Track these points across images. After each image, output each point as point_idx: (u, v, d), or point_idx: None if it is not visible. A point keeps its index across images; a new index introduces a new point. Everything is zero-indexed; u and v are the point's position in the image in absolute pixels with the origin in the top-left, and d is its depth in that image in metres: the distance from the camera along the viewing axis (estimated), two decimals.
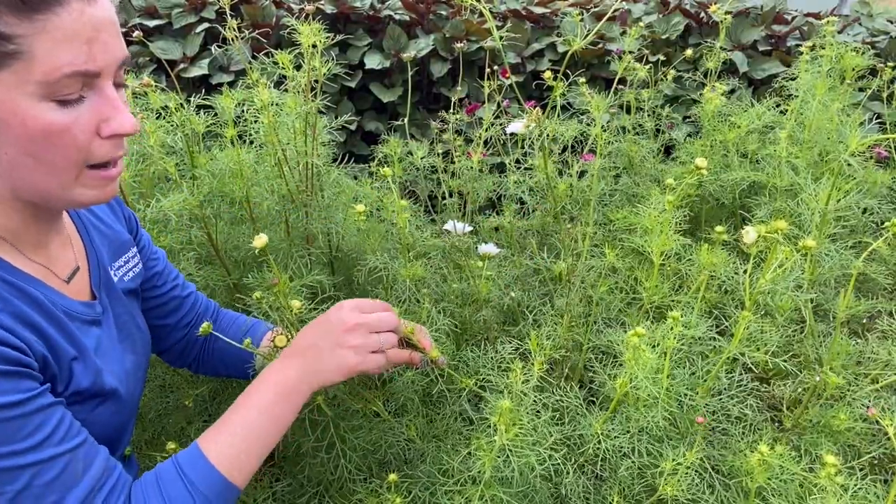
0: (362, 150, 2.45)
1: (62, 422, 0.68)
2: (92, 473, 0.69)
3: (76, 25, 0.63)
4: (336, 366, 0.83)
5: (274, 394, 0.81)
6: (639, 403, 0.89)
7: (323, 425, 0.92)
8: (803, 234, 1.20)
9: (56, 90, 0.64)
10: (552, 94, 1.23)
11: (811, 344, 1.14)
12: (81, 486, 0.67)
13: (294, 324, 0.90)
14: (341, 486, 0.93)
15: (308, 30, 1.15)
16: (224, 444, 0.77)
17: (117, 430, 0.83)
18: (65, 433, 0.68)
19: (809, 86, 1.45)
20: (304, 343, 0.85)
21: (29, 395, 0.65)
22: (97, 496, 0.68)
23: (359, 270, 1.14)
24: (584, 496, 0.91)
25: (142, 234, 1.01)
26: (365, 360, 0.84)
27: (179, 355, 1.08)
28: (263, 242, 0.81)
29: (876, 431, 1.04)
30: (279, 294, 0.88)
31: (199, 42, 2.40)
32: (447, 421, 1.02)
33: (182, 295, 1.05)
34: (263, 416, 0.79)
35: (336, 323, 0.85)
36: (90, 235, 0.88)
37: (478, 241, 1.32)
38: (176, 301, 1.04)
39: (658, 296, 1.11)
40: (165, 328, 1.03)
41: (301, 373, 0.82)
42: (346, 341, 0.83)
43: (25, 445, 0.64)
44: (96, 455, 0.71)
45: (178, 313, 1.04)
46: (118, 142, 0.71)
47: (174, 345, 1.06)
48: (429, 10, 2.64)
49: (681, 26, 2.54)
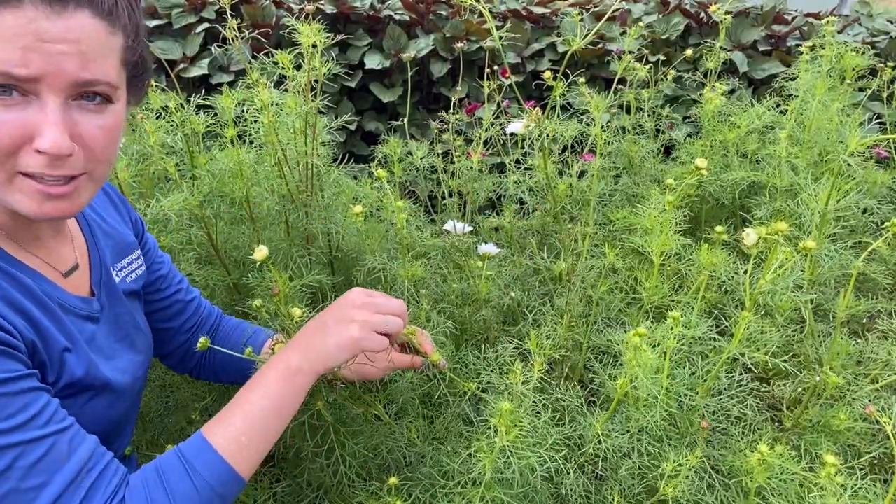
0: (362, 150, 2.45)
1: (48, 406, 0.68)
2: (79, 456, 0.68)
3: (17, 30, 0.63)
4: (338, 341, 0.81)
5: (277, 378, 0.80)
6: (639, 403, 0.89)
7: (323, 430, 0.92)
8: (803, 235, 1.20)
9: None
10: (552, 94, 1.23)
11: (811, 344, 1.14)
12: (67, 468, 0.66)
13: (294, 332, 0.90)
14: (341, 489, 0.93)
15: (308, 30, 1.15)
16: (229, 433, 0.75)
17: (113, 425, 0.83)
18: (49, 417, 0.67)
19: (809, 86, 1.45)
20: (311, 326, 0.85)
21: (13, 375, 0.65)
22: (85, 478, 0.67)
23: (358, 270, 1.14)
24: (584, 496, 0.91)
25: (148, 237, 1.01)
26: (368, 337, 0.82)
27: (181, 360, 1.08)
28: (264, 255, 0.80)
29: (876, 431, 1.04)
30: (280, 303, 0.87)
31: (199, 42, 2.40)
32: (447, 423, 1.02)
33: (186, 299, 1.05)
34: (266, 400, 0.78)
35: (343, 302, 0.85)
36: (94, 235, 0.88)
37: (478, 241, 1.32)
38: (179, 305, 1.04)
39: (658, 296, 1.11)
40: (168, 332, 1.04)
41: (303, 354, 0.81)
42: (350, 315, 0.83)
43: (8, 425, 0.64)
44: (83, 441, 0.70)
45: (181, 317, 1.04)
46: (53, 160, 0.67)
47: (176, 349, 1.06)
48: (429, 10, 2.64)
49: (681, 26, 2.54)
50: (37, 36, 0.64)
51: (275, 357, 0.83)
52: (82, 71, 0.67)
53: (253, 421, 0.77)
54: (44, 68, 0.65)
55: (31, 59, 0.64)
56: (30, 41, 0.64)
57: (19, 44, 0.63)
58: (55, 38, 0.65)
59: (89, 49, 0.67)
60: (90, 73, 0.68)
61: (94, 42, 0.67)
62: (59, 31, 0.65)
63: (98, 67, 0.68)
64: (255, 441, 0.76)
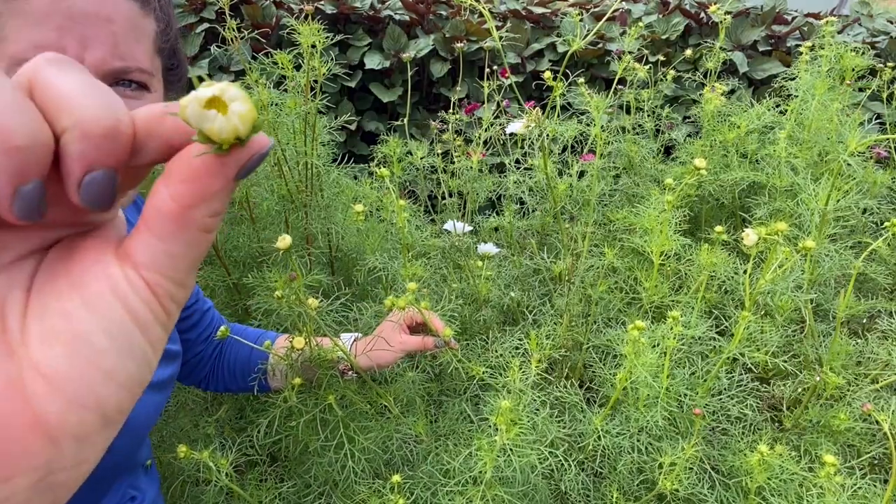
0: (362, 150, 2.45)
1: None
2: None
3: (47, 9, 0.61)
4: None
5: None
6: (639, 403, 0.89)
7: (332, 425, 0.92)
8: (803, 235, 1.20)
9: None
10: (552, 94, 1.23)
11: (811, 344, 1.14)
12: None
13: (310, 320, 0.89)
14: (347, 486, 0.93)
15: (308, 30, 1.15)
16: None
17: (139, 434, 0.82)
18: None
19: (809, 86, 1.44)
20: None
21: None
22: None
23: (358, 270, 1.14)
24: (583, 493, 0.91)
25: None
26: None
27: (191, 371, 1.08)
28: (287, 244, 0.79)
29: (876, 431, 1.04)
30: (298, 290, 0.87)
31: (199, 42, 2.40)
32: (452, 423, 1.02)
33: (203, 309, 1.05)
34: None
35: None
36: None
37: (478, 241, 1.32)
38: (198, 315, 1.04)
39: (658, 296, 1.11)
40: (186, 343, 1.03)
41: None
42: None
43: None
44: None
45: (198, 328, 1.04)
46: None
47: (190, 359, 1.06)
48: (429, 11, 2.64)
49: (681, 26, 2.54)
50: (68, 14, 0.62)
51: None
52: (115, 59, 0.66)
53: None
54: (80, 56, 0.63)
55: (67, 46, 0.62)
56: (61, 21, 0.62)
57: (52, 24, 0.62)
58: (82, 16, 0.63)
59: (121, 30, 0.65)
60: (124, 60, 0.66)
61: (126, 23, 0.66)
62: (89, 9, 0.63)
63: (134, 52, 0.67)
64: None
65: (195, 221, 0.24)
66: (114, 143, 0.23)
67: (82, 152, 0.22)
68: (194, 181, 0.24)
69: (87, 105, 0.22)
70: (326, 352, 0.90)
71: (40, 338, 0.23)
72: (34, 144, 0.21)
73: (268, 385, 1.02)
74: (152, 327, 0.25)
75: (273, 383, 1.01)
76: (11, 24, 0.61)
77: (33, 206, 0.22)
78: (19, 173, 0.21)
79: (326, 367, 0.92)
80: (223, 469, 0.87)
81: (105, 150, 0.23)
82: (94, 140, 0.22)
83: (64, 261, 0.25)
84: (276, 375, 1.00)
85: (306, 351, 0.90)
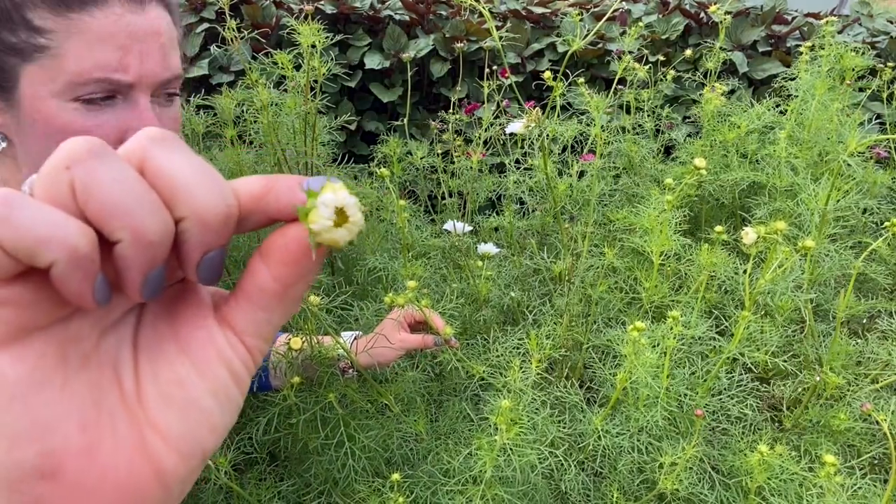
0: (362, 150, 2.45)
1: None
2: None
3: (111, 29, 0.62)
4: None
5: None
6: (639, 403, 0.89)
7: (332, 423, 0.92)
8: (803, 235, 1.20)
9: (83, 92, 0.63)
10: (552, 94, 1.23)
11: (811, 344, 1.14)
12: None
13: (313, 317, 0.89)
14: (347, 484, 0.93)
15: (308, 30, 1.15)
16: None
17: None
18: None
19: (809, 86, 1.44)
20: None
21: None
22: None
23: (359, 270, 1.14)
24: (583, 493, 0.91)
25: None
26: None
27: None
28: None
29: (876, 431, 1.04)
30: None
31: (199, 42, 2.40)
32: (448, 421, 1.02)
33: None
34: None
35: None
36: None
37: (478, 241, 1.32)
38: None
39: (658, 296, 1.11)
40: None
41: None
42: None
43: None
44: None
45: None
46: None
47: None
48: (429, 11, 2.64)
49: (681, 26, 2.54)
50: (129, 32, 0.64)
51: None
52: (164, 70, 0.68)
53: None
54: (140, 72, 0.65)
55: (128, 62, 0.64)
56: (123, 41, 0.63)
57: (115, 43, 0.63)
58: (141, 34, 0.65)
59: (167, 41, 0.68)
60: (170, 70, 0.69)
61: (168, 34, 0.68)
62: (144, 26, 0.65)
63: (173, 61, 0.69)
64: None
65: (294, 296, 0.27)
66: (226, 227, 0.25)
67: (201, 241, 0.24)
68: (295, 264, 0.26)
69: (202, 195, 0.24)
70: (327, 349, 0.90)
71: (156, 402, 0.25)
72: (164, 240, 0.23)
73: (269, 384, 1.02)
74: (246, 380, 0.28)
75: (275, 382, 1.01)
76: (69, 43, 0.62)
77: (158, 288, 0.24)
78: (150, 264, 0.23)
79: (327, 364, 0.92)
80: (222, 467, 0.87)
81: (220, 234, 0.25)
82: (210, 228, 0.24)
83: (166, 321, 0.27)
84: (277, 374, 1.00)
85: (307, 349, 0.91)
